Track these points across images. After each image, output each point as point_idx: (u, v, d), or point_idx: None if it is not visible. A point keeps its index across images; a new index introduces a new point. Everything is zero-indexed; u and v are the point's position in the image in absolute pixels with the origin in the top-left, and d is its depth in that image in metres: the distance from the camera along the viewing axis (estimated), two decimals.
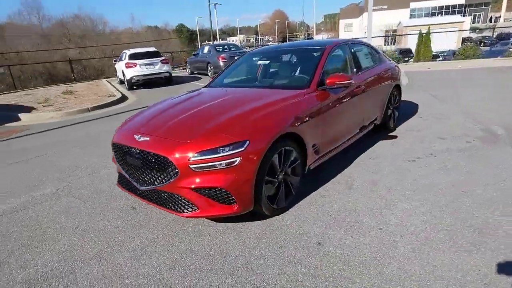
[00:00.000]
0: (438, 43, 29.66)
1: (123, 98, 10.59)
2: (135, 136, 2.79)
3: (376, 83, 4.32)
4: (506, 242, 2.24)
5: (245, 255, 2.35)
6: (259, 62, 4.19)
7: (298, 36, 44.71)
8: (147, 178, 2.65)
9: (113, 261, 2.40)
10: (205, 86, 4.11)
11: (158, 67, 12.13)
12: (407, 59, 19.91)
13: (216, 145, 2.41)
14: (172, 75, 13.31)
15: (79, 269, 2.34)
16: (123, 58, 12.75)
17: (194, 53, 15.96)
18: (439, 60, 20.63)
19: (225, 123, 2.63)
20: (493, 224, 2.46)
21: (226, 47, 14.44)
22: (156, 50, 12.95)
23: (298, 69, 3.76)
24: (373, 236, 2.43)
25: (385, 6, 45.22)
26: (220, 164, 2.38)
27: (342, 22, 55.94)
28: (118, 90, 12.06)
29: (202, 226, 2.77)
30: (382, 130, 4.86)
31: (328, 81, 3.27)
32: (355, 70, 4.00)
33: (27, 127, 7.63)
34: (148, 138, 2.68)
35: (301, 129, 2.89)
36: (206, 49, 14.50)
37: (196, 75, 15.45)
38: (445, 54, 25.98)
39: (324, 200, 3.03)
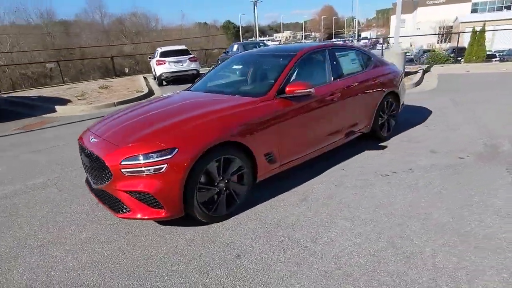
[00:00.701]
0: (501, 42, 26.77)
1: (150, 94, 11.17)
2: (90, 136, 2.99)
3: (361, 90, 4.11)
4: (429, 276, 2.05)
5: (164, 260, 2.42)
6: (234, 67, 4.20)
7: (345, 33, 43.19)
8: (96, 178, 2.83)
9: (53, 253, 2.62)
10: (185, 89, 4.22)
11: (186, 65, 12.59)
12: (459, 58, 18.33)
13: (145, 151, 2.50)
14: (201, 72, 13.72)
15: (22, 257, 2.59)
16: (155, 56, 13.41)
17: (224, 51, 16.27)
18: (494, 61, 18.71)
19: (162, 130, 2.71)
20: (427, 254, 2.25)
21: (255, 45, 14.49)
22: (185, 48, 13.42)
23: (266, 76, 3.71)
24: (294, 254, 2.36)
25: (443, 0, 41.91)
26: (148, 170, 2.47)
27: (394, 18, 52.90)
28: (148, 86, 12.74)
29: (145, 227, 2.89)
30: (374, 140, 4.60)
31: (287, 89, 3.20)
32: (332, 77, 3.84)
33: (58, 119, 8.40)
34: (97, 140, 2.86)
35: (248, 138, 2.87)
36: (235, 47, 14.70)
37: None
38: (504, 53, 23.44)
39: (270, 211, 2.98)
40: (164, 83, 13.02)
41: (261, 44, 14.81)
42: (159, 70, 12.44)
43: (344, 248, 2.39)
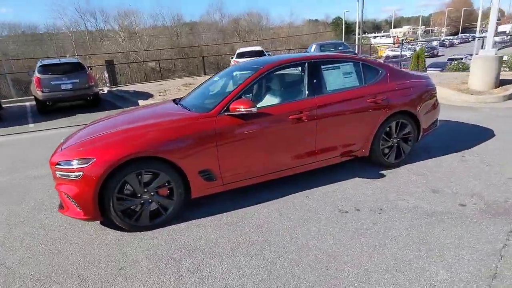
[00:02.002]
0: None
1: None
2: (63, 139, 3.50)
3: (351, 108, 3.59)
4: None
5: (51, 258, 2.65)
6: (215, 79, 4.16)
7: (478, 27, 36.26)
8: None
9: None
10: (173, 100, 4.26)
11: None
12: None
13: (70, 158, 2.81)
14: None
15: None
16: (235, 56, 14.12)
17: (304, 51, 15.86)
18: None
19: (92, 140, 2.96)
20: None
21: (336, 46, 13.72)
22: (261, 49, 13.68)
23: (225, 91, 3.57)
24: (166, 280, 2.31)
25: None
26: (71, 175, 2.78)
27: None
28: None
29: (87, 226, 3.20)
30: (377, 165, 3.95)
31: (231, 106, 3.06)
32: (307, 93, 3.45)
33: None
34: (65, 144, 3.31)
35: (176, 154, 2.89)
36: (313, 47, 14.18)
37: None
38: None
39: (190, 231, 2.92)
40: None
41: (340, 45, 13.89)
42: None
43: (215, 283, 2.21)
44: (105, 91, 14.40)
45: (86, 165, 2.72)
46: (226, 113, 3.10)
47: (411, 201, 3.14)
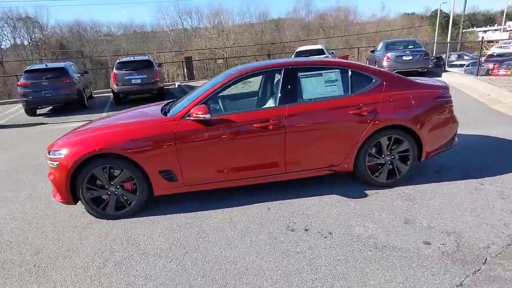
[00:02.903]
0: None
1: None
2: None
3: (329, 120, 3.33)
4: None
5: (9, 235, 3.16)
6: (208, 83, 4.23)
7: None
8: None
9: None
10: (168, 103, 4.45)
11: None
12: None
13: (55, 149, 3.28)
14: None
15: None
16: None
17: (371, 50, 14.63)
18: None
19: (74, 135, 3.41)
20: None
21: (401, 44, 12.31)
22: (321, 48, 13.11)
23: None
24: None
25: None
26: (53, 163, 3.25)
27: None
28: None
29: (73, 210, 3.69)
30: (367, 184, 3.57)
31: (191, 112, 3.16)
32: (278, 101, 3.31)
33: None
34: None
35: (137, 153, 3.13)
36: (380, 45, 12.97)
37: None
38: None
39: (138, 225, 3.13)
40: None
41: (410, 44, 12.34)
42: None
43: (124, 278, 2.38)
44: (176, 86, 15.78)
45: (61, 156, 3.15)
46: (188, 118, 3.21)
47: (370, 229, 2.78)
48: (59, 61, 33.43)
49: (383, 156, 3.49)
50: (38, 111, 10.84)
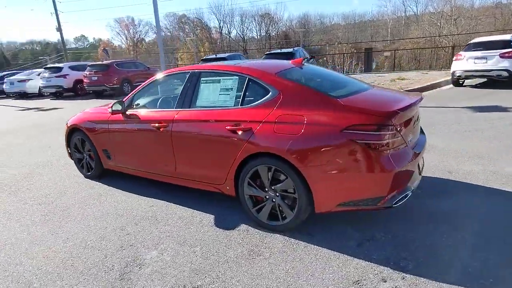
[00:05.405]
0: None
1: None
2: None
3: (206, 132, 3.00)
4: None
5: None
6: None
7: None
8: None
9: None
10: None
11: (492, 63, 8.80)
12: None
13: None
14: None
15: None
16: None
17: None
18: None
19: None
20: None
21: None
22: (508, 39, 8.95)
23: None
24: None
25: None
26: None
27: None
28: (438, 84, 10.63)
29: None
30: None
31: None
32: (176, 104, 3.26)
33: None
34: None
35: (90, 131, 4.05)
36: None
37: None
38: None
39: (98, 197, 4.04)
40: (461, 82, 10.10)
41: None
42: (454, 66, 9.85)
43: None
44: None
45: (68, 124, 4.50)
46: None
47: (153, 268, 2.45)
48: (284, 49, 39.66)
49: (266, 190, 2.73)
50: None
